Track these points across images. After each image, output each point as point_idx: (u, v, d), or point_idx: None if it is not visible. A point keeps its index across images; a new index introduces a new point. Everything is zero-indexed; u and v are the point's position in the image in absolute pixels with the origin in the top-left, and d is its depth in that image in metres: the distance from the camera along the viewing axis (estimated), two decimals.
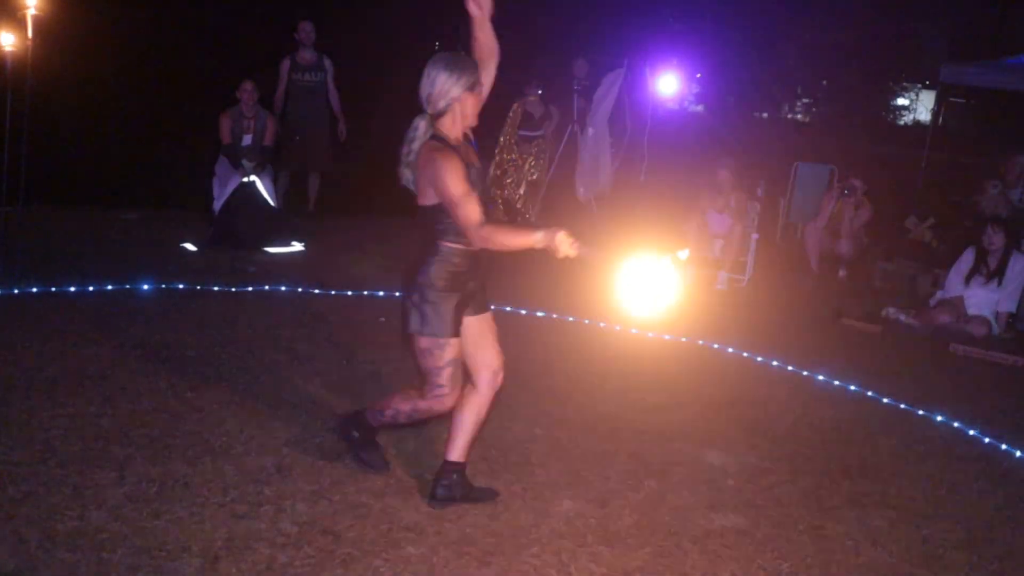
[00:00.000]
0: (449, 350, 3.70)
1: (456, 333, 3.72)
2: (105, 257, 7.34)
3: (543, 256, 3.54)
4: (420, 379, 3.83)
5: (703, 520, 3.95)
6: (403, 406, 3.90)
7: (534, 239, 3.43)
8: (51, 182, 9.00)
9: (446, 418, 4.51)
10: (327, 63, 9.33)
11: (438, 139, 3.61)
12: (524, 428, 4.75)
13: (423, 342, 3.69)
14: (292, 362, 5.32)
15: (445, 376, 3.72)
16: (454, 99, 3.60)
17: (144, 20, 13.41)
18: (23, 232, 6.72)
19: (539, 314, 6.90)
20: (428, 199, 3.62)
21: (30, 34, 6.28)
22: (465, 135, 3.75)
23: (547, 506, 3.94)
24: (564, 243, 3.42)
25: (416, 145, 3.62)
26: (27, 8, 6.20)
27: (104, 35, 12.43)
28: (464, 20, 3.80)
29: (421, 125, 3.63)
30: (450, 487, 3.86)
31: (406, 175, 3.68)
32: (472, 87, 3.62)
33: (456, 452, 3.87)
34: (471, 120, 3.70)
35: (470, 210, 3.48)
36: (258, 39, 12.94)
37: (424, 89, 3.61)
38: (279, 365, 5.25)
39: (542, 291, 7.53)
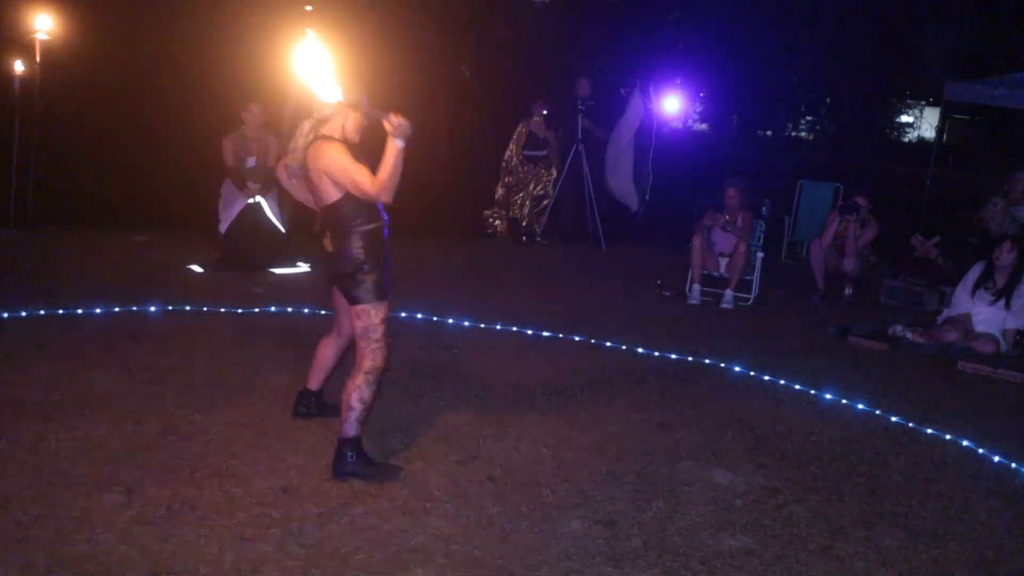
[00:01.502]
0: (384, 309, 4.23)
1: (389, 294, 4.25)
2: (112, 279, 7.37)
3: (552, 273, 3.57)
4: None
5: (711, 540, 3.94)
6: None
7: (399, 147, 3.96)
8: (59, 205, 9.04)
9: (449, 438, 4.52)
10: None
11: (325, 139, 4.09)
12: (530, 448, 4.74)
13: (359, 308, 4.17)
14: (299, 384, 5.31)
15: (382, 331, 4.21)
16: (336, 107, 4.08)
17: (150, 44, 13.48)
18: (31, 254, 6.75)
19: (545, 334, 6.90)
20: (328, 197, 4.09)
21: (38, 58, 6.34)
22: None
23: (555, 527, 3.93)
24: (406, 127, 3.98)
25: (302, 142, 4.11)
26: (36, 33, 6.26)
27: (110, 59, 12.49)
28: (468, 46, 3.92)
29: (306, 125, 4.14)
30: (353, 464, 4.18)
31: (294, 165, 4.16)
32: (354, 103, 4.08)
33: (353, 428, 4.19)
34: (351, 133, 4.18)
35: (362, 175, 3.99)
36: (265, 63, 12.99)
37: (315, 100, 4.11)
38: (286, 387, 5.24)
39: (549, 311, 7.54)
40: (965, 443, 5.36)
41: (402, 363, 5.56)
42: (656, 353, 6.64)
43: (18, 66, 6.33)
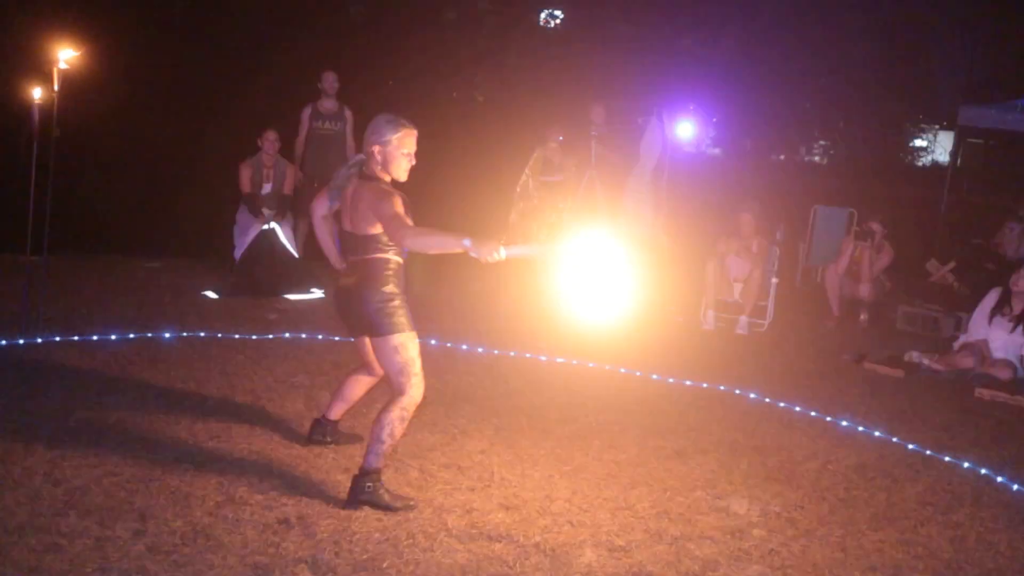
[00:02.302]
0: (415, 341, 4.21)
1: (415, 327, 4.23)
2: (127, 305, 7.40)
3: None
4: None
5: (728, 571, 3.90)
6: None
7: (462, 243, 3.82)
8: (75, 232, 9.10)
9: (463, 465, 4.50)
10: (347, 113, 9.43)
11: (374, 179, 4.14)
12: (544, 476, 4.71)
13: (395, 340, 4.15)
14: (312, 411, 5.32)
15: (419, 364, 4.21)
16: (377, 143, 4.13)
17: (166, 72, 13.64)
18: (47, 281, 6.79)
19: (559, 360, 6.88)
20: (370, 228, 4.12)
21: (56, 86, 6.39)
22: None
23: (568, 557, 3.90)
24: (491, 248, 3.79)
25: (344, 172, 4.20)
26: (56, 63, 6.32)
27: (127, 86, 12.64)
28: (479, 72, 3.96)
29: (350, 159, 4.26)
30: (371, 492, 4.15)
31: (333, 198, 4.22)
32: (399, 142, 4.13)
33: (377, 460, 4.15)
34: (395, 171, 4.18)
35: (400, 221, 3.98)
36: (278, 90, 13.12)
37: (367, 133, 4.19)
38: (299, 414, 5.25)
39: (562, 337, 7.52)
40: (983, 471, 5.31)
41: None
42: (671, 379, 6.62)
43: (36, 94, 6.38)
